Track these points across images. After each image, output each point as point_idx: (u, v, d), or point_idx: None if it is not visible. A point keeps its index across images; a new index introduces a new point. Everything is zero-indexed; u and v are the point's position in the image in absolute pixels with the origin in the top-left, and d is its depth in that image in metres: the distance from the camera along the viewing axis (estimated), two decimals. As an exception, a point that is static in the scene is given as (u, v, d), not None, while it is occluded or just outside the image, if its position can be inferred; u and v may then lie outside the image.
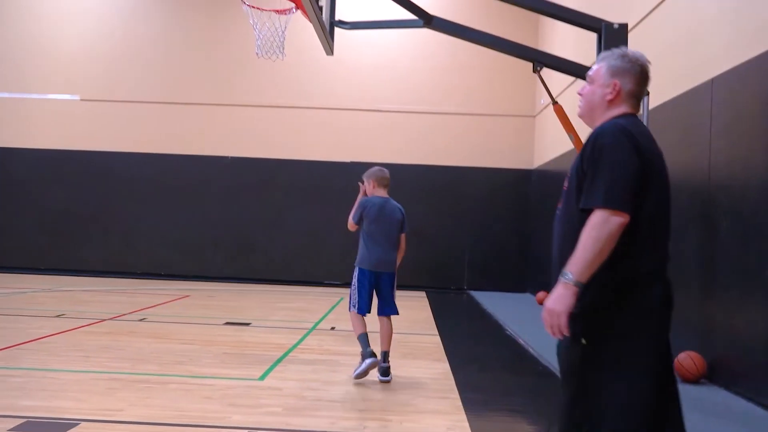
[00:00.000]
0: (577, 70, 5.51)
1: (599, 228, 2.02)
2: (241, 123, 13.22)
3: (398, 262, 5.13)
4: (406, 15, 5.81)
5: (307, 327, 7.58)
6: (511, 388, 5.13)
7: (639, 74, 2.27)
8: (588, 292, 2.05)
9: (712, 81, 5.46)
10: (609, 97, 2.26)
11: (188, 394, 4.36)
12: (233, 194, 13.06)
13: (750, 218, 4.79)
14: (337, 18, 6.52)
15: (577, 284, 2.03)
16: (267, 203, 12.87)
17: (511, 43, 5.54)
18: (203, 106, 13.28)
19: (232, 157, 13.18)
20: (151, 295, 10.27)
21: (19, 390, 4.32)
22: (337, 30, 6.48)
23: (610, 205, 2.03)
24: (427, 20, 5.64)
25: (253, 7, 6.74)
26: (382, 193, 5.11)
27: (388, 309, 5.04)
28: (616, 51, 2.32)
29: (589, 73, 2.35)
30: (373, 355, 4.80)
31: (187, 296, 10.35)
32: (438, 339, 7.08)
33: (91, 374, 4.83)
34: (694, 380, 5.10)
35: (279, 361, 5.60)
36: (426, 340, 7.08)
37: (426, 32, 7.54)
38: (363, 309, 4.98)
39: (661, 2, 6.68)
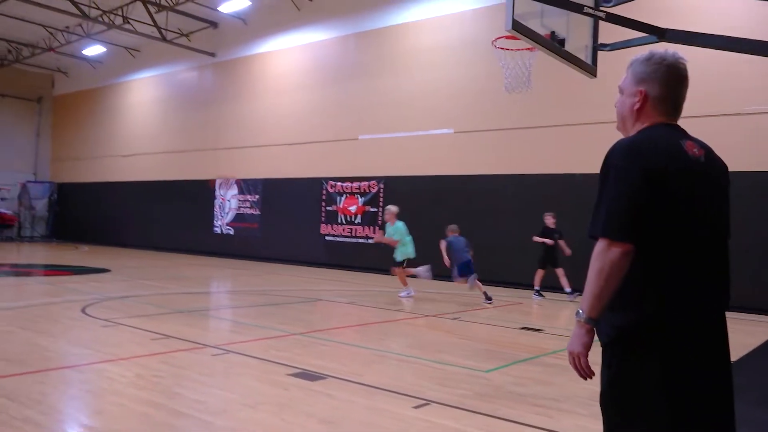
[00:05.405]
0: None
1: (600, 259, 1.92)
2: (571, 142, 13.69)
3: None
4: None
5: (590, 338, 7.85)
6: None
7: (665, 76, 2.10)
8: (607, 322, 1.98)
9: None
10: (636, 106, 2.13)
11: (418, 372, 5.57)
12: (574, 210, 13.56)
13: None
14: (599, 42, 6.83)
15: (589, 321, 1.94)
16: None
17: (751, 42, 5.05)
18: (548, 128, 14.22)
19: (581, 174, 13.71)
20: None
21: (316, 353, 6.23)
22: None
23: (607, 234, 1.92)
24: (660, 35, 5.60)
25: (503, 48, 7.51)
26: (456, 233, 10.94)
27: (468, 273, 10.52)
28: (643, 54, 2.15)
29: (620, 83, 2.22)
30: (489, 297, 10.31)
31: (521, 303, 11.40)
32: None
33: (368, 350, 6.45)
34: None
35: (522, 360, 6.29)
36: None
37: (753, 30, 7.15)
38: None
39: None
